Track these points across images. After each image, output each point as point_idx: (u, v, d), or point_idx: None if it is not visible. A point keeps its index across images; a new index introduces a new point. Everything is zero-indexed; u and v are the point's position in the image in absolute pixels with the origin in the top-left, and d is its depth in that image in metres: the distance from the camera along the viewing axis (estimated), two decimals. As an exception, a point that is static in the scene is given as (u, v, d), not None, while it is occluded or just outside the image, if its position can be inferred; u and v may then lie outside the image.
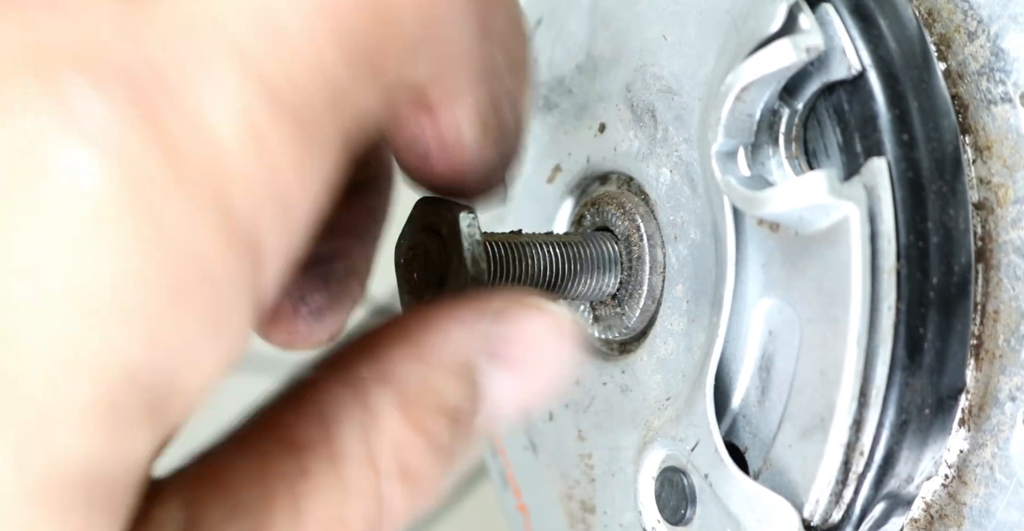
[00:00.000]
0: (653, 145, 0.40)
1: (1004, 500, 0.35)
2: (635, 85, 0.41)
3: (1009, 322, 0.35)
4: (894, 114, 0.34)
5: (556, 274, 0.39)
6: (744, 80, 0.34)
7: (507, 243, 0.38)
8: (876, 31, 0.34)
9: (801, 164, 0.36)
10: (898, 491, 0.35)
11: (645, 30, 0.40)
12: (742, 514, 0.35)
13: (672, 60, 0.39)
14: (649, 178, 0.41)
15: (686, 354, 0.39)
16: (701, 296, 0.39)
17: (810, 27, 0.34)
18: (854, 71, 0.34)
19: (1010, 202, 0.35)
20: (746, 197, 0.34)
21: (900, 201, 0.34)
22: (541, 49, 0.45)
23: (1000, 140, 0.35)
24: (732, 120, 0.35)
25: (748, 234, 0.36)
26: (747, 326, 0.37)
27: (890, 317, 0.33)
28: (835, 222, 0.33)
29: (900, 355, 0.34)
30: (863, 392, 0.33)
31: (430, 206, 0.36)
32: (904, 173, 0.34)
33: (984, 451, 0.35)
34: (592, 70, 0.43)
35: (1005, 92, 0.35)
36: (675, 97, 0.39)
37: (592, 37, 0.43)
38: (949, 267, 0.34)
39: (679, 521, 0.38)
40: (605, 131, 0.42)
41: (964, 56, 0.36)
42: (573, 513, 0.45)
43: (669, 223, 0.40)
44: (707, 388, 0.37)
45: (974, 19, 0.36)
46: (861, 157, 0.34)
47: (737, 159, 0.36)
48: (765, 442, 0.36)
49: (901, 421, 0.34)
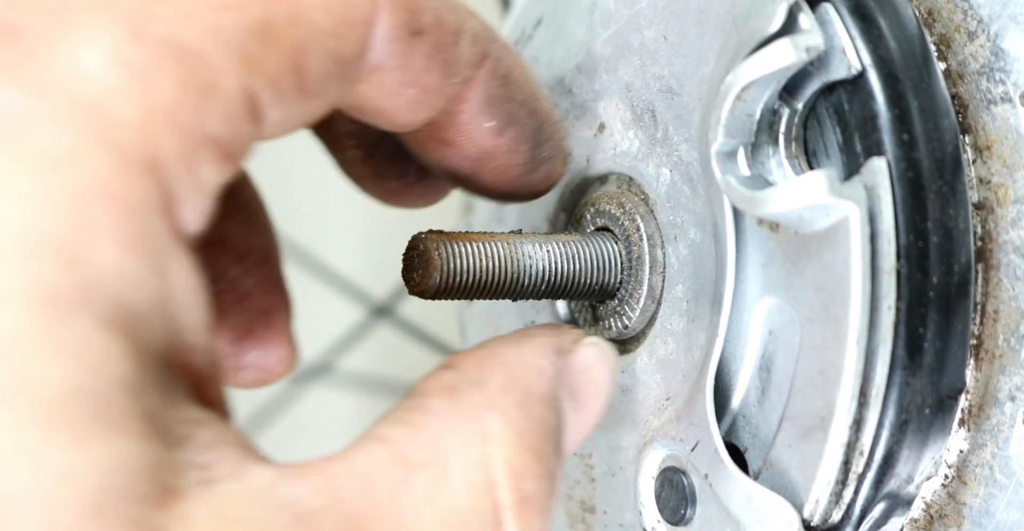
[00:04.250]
0: (653, 145, 0.40)
1: (1004, 500, 0.35)
2: (635, 85, 0.41)
3: (1009, 322, 0.35)
4: (894, 114, 0.34)
5: (556, 274, 0.39)
6: (744, 80, 0.34)
7: (506, 243, 0.38)
8: (876, 31, 0.34)
9: (801, 164, 0.36)
10: (898, 491, 0.35)
11: (645, 30, 0.40)
12: (742, 514, 0.35)
13: (672, 60, 0.39)
14: (649, 178, 0.41)
15: (686, 354, 0.39)
16: (701, 296, 0.39)
17: (810, 27, 0.34)
18: (854, 71, 0.34)
19: (1010, 202, 0.35)
20: (746, 197, 0.34)
21: (900, 201, 0.34)
22: (541, 49, 0.45)
23: (1000, 140, 0.35)
24: (732, 120, 0.35)
25: (748, 234, 0.36)
26: (747, 326, 0.37)
27: (890, 317, 0.33)
28: (835, 222, 0.33)
29: (900, 355, 0.34)
30: (863, 392, 0.33)
31: None
32: (904, 173, 0.34)
33: (984, 451, 0.35)
34: (592, 70, 0.43)
35: (1005, 92, 0.35)
36: (675, 97, 0.39)
37: (592, 37, 0.43)
38: (949, 267, 0.34)
39: (679, 521, 0.38)
40: (605, 131, 0.42)
41: (964, 56, 0.36)
42: (573, 513, 0.45)
43: (669, 223, 0.40)
44: (707, 388, 0.37)
45: (974, 19, 0.36)
46: (861, 157, 0.34)
47: (737, 159, 0.36)
48: (765, 442, 0.36)
49: (901, 421, 0.34)
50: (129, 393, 0.23)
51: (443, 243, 0.37)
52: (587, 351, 0.32)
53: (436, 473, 0.26)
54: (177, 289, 0.25)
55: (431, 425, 0.27)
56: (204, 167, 0.25)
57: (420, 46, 0.31)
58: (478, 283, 0.37)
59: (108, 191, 0.24)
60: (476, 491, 0.27)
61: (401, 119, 0.33)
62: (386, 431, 0.27)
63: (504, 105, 0.35)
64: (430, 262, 0.36)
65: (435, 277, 0.36)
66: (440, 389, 0.28)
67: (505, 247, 0.38)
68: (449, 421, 0.27)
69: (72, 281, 0.23)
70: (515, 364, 0.30)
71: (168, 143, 0.25)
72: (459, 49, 0.32)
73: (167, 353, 0.24)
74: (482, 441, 0.27)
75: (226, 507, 0.24)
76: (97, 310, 0.23)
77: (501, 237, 0.39)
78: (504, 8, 0.60)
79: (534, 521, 0.27)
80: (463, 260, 0.37)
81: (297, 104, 0.28)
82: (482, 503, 0.27)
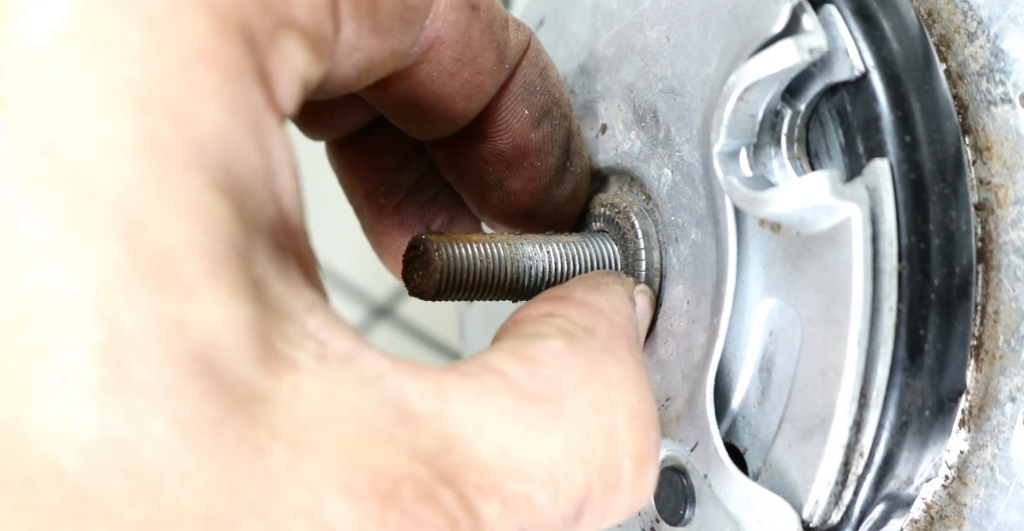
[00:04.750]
0: (655, 145, 0.40)
1: (1004, 501, 0.35)
2: (637, 85, 0.41)
3: (1009, 323, 0.35)
4: (897, 115, 0.34)
5: (556, 275, 0.39)
6: (747, 81, 0.34)
7: (507, 244, 0.38)
8: (879, 32, 0.34)
9: (803, 165, 0.36)
10: (898, 492, 0.35)
11: (648, 30, 0.40)
12: (741, 515, 0.35)
13: (675, 60, 0.39)
14: (651, 178, 0.41)
15: (686, 355, 0.39)
16: (702, 297, 0.39)
17: (813, 28, 0.34)
18: (857, 72, 0.34)
19: (1010, 203, 0.35)
20: (748, 198, 0.34)
21: (902, 202, 0.34)
22: (542, 49, 0.45)
23: (1000, 141, 0.35)
24: (734, 121, 0.35)
25: (749, 235, 0.36)
26: (748, 327, 0.37)
27: (891, 318, 0.33)
28: (837, 223, 0.33)
29: (901, 356, 0.34)
30: (863, 393, 0.33)
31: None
32: (906, 174, 0.34)
33: (984, 452, 0.35)
34: (594, 70, 0.43)
35: (1005, 93, 0.35)
36: (677, 97, 0.39)
37: (594, 37, 0.43)
38: (950, 268, 0.34)
39: (678, 521, 0.38)
40: (607, 131, 0.42)
41: (964, 57, 0.36)
42: (572, 513, 0.45)
43: (670, 223, 0.40)
44: (707, 389, 0.37)
45: (974, 20, 0.36)
46: (863, 158, 0.34)
47: (739, 160, 0.36)
48: (765, 443, 0.36)
49: (901, 422, 0.34)
50: (241, 259, 0.23)
51: (443, 244, 0.37)
52: (643, 298, 0.37)
53: (552, 409, 0.26)
54: (278, 165, 0.24)
55: (550, 363, 0.27)
56: (292, 49, 0.25)
57: (477, 22, 0.32)
58: (478, 284, 0.37)
59: (209, 53, 0.23)
60: (593, 434, 0.27)
61: (456, 107, 0.33)
62: (502, 363, 0.27)
63: (541, 96, 0.36)
64: (430, 263, 0.36)
65: (435, 278, 0.36)
66: (557, 331, 0.29)
67: (505, 248, 0.38)
68: (568, 364, 0.28)
69: (183, 139, 0.22)
70: (611, 311, 0.31)
71: (257, 14, 0.24)
72: (508, 33, 0.33)
73: (274, 231, 0.24)
74: (606, 385, 0.28)
75: (336, 386, 0.24)
76: (208, 173, 0.22)
77: (501, 238, 0.39)
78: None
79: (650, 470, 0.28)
80: (463, 261, 0.37)
81: (368, 32, 0.28)
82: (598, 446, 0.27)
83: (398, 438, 0.24)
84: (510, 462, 0.25)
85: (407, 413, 0.24)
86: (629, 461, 0.27)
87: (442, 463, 0.24)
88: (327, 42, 0.27)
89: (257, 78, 0.24)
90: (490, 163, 0.36)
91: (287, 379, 0.23)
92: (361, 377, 0.24)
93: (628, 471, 0.27)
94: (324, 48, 0.27)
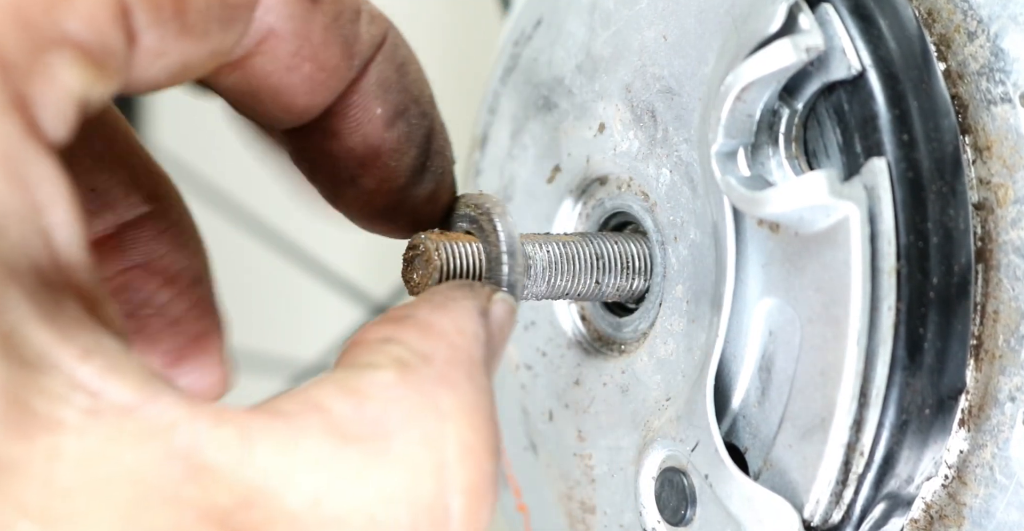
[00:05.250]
0: (653, 145, 0.40)
1: (1004, 500, 0.35)
2: (635, 85, 0.41)
3: (1009, 322, 0.35)
4: (894, 114, 0.34)
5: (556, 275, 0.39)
6: (744, 80, 0.34)
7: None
8: (876, 31, 0.34)
9: (801, 164, 0.36)
10: (898, 492, 0.35)
11: (645, 30, 0.40)
12: (742, 514, 0.35)
13: (672, 60, 0.39)
14: (649, 178, 0.41)
15: (686, 354, 0.39)
16: (701, 296, 0.39)
17: (810, 27, 0.34)
18: (854, 71, 0.34)
19: (1010, 202, 0.35)
20: (746, 197, 0.34)
21: (900, 201, 0.34)
22: (541, 49, 0.45)
23: (1000, 140, 0.35)
24: (732, 120, 0.35)
25: (748, 234, 0.36)
26: (747, 326, 0.37)
27: (890, 317, 0.33)
28: (835, 222, 0.33)
29: (900, 355, 0.34)
30: (863, 392, 0.33)
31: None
32: (904, 173, 0.34)
33: (984, 452, 0.35)
34: (592, 70, 0.43)
35: (1005, 92, 0.35)
36: (675, 97, 0.39)
37: (592, 37, 0.43)
38: (949, 267, 0.34)
39: (679, 522, 0.38)
40: (605, 131, 0.42)
41: (964, 56, 0.36)
42: (573, 513, 0.45)
43: (669, 223, 0.40)
44: (707, 388, 0.37)
45: (974, 19, 0.36)
46: (861, 157, 0.34)
47: (737, 159, 0.36)
48: (765, 442, 0.36)
49: (901, 421, 0.34)
50: None
51: (443, 243, 0.36)
52: (499, 308, 0.32)
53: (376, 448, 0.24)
54: (45, 198, 0.22)
55: (379, 397, 0.25)
56: (63, 70, 0.24)
57: (318, 16, 0.30)
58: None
59: None
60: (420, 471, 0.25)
61: (298, 102, 0.31)
62: (326, 398, 0.25)
63: (397, 94, 0.33)
64: (430, 262, 0.36)
65: (435, 277, 0.36)
66: (391, 361, 0.27)
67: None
68: (397, 396, 0.26)
69: None
70: (454, 333, 0.29)
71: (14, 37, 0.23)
72: (359, 27, 0.31)
73: (39, 271, 0.22)
74: (437, 417, 0.26)
75: (110, 443, 0.21)
76: None
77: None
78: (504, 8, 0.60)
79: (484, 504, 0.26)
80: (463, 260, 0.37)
81: (176, 37, 0.26)
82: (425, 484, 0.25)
83: (185, 496, 0.22)
84: (323, 511, 0.23)
85: (199, 467, 0.22)
86: (460, 496, 0.25)
87: (239, 520, 0.22)
88: (116, 55, 0.25)
89: (11, 105, 0.22)
90: (341, 159, 0.34)
91: (43, 442, 0.21)
92: (144, 430, 0.22)
93: (459, 507, 0.25)
94: (111, 62, 0.25)
